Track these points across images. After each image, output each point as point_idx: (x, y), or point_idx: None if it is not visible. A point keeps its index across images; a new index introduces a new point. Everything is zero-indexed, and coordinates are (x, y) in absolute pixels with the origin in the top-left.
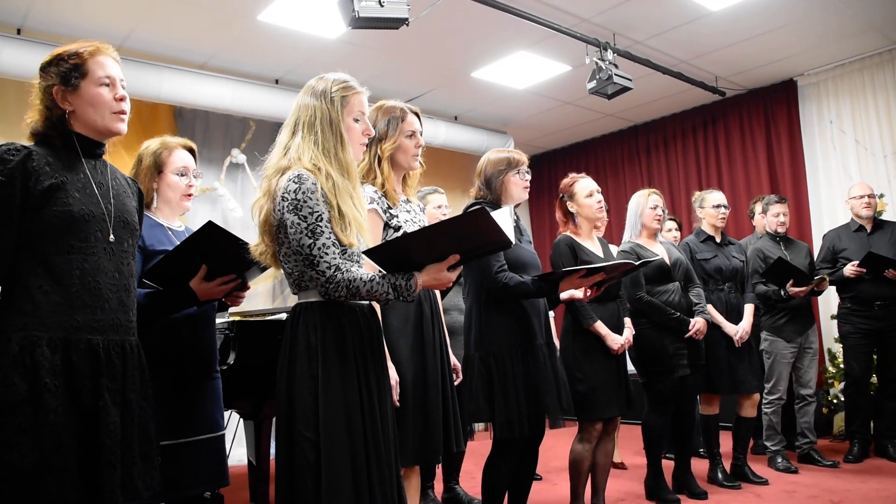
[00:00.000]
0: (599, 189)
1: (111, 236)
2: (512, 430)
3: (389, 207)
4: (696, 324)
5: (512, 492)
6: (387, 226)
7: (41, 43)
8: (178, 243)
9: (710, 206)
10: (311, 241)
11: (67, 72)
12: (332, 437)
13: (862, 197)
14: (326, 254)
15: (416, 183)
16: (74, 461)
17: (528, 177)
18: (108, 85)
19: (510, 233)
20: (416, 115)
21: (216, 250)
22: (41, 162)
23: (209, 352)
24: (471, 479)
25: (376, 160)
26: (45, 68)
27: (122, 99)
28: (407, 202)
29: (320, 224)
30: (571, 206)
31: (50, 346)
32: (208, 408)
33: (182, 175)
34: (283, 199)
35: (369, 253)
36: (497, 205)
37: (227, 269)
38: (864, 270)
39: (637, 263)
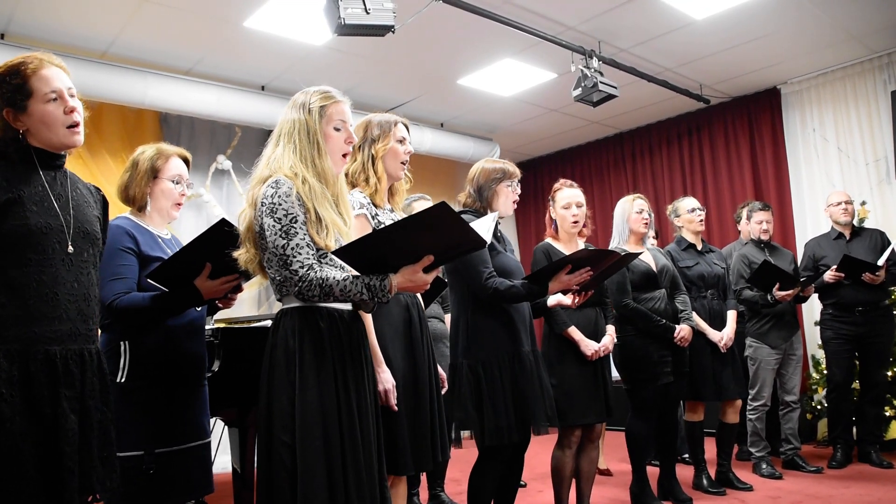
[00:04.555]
0: (581, 202)
1: (70, 247)
2: (501, 437)
3: (376, 214)
4: (682, 331)
5: (498, 499)
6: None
7: (25, 48)
8: (185, 244)
9: (686, 211)
10: (285, 241)
11: (12, 94)
12: (307, 441)
13: (839, 203)
14: (299, 254)
15: (402, 198)
16: (34, 468)
17: (518, 191)
18: (55, 100)
19: (486, 235)
20: (406, 126)
21: (224, 248)
22: None
23: (202, 358)
24: (456, 485)
25: (370, 160)
26: None
27: (72, 111)
28: (391, 212)
29: (294, 225)
30: (553, 212)
31: (7, 358)
32: (199, 414)
33: (177, 183)
34: (261, 205)
35: (338, 252)
36: (483, 214)
37: (229, 268)
38: (843, 275)
39: (622, 254)
